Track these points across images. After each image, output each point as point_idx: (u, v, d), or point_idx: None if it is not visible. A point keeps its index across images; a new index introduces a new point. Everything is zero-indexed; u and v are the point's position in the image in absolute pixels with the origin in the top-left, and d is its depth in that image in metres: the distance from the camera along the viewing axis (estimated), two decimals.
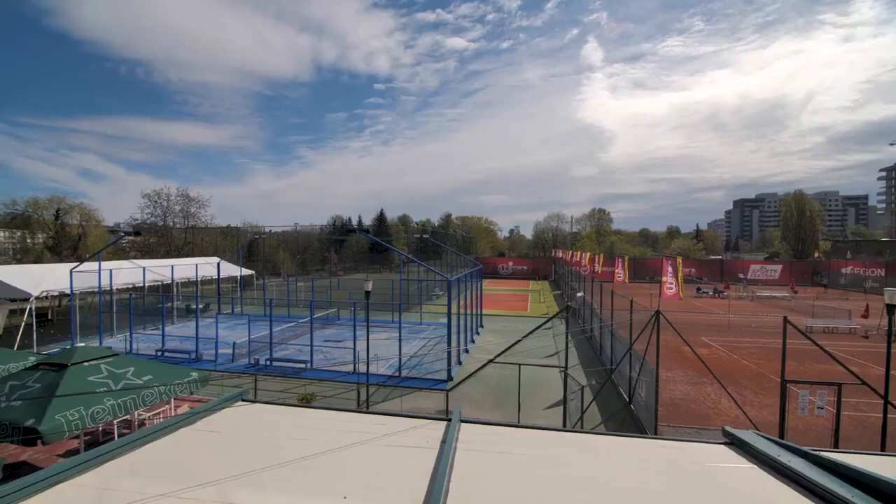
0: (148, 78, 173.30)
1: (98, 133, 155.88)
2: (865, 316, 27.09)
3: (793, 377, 10.25)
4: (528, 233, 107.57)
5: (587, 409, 12.23)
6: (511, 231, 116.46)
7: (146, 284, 27.35)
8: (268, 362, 17.88)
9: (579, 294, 26.26)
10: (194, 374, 9.55)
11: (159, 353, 19.31)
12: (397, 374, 16.66)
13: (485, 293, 31.08)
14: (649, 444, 3.12)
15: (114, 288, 24.14)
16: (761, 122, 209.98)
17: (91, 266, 22.75)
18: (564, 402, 11.93)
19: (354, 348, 17.20)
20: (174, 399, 11.16)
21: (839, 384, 9.62)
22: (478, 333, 24.61)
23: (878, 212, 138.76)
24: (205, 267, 31.76)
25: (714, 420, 12.41)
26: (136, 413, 10.48)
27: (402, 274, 31.00)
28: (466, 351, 20.22)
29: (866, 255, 64.76)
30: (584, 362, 18.93)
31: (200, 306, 27.57)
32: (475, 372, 12.98)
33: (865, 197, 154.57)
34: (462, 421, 2.96)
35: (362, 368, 15.04)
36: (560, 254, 64.77)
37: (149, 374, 8.87)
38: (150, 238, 51.79)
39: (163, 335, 20.59)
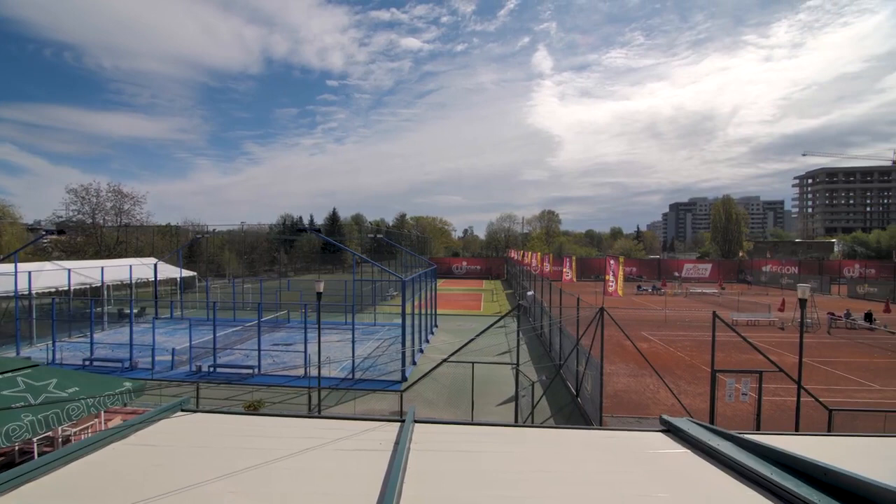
0: (78, 63, 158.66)
1: (17, 121, 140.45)
2: (782, 309, 29.93)
3: (721, 367, 11.14)
4: (481, 233, 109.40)
5: (538, 403, 12.61)
6: (465, 231, 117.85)
7: (72, 288, 25.00)
8: (211, 369, 16.93)
9: (529, 293, 27.02)
10: (128, 384, 8.87)
11: (87, 363, 17.72)
12: (350, 376, 16.36)
13: (439, 293, 31.20)
14: (595, 435, 3.28)
15: (33, 292, 21.87)
16: (693, 132, 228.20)
17: (6, 268, 20.49)
18: (516, 397, 12.24)
19: (305, 351, 16.68)
20: (104, 412, 10.29)
21: (760, 372, 10.58)
22: (432, 333, 24.66)
23: (793, 215, 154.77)
24: (140, 268, 29.54)
25: (653, 409, 13.22)
26: (59, 429, 9.55)
27: (356, 274, 30.44)
28: (421, 351, 20.21)
29: (783, 255, 71.76)
30: (534, 359, 19.51)
31: (135, 311, 25.61)
32: (429, 372, 13.00)
33: (782, 202, 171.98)
34: (416, 421, 2.97)
35: (314, 372, 14.62)
36: (512, 254, 66.32)
37: (74, 385, 8.13)
38: (76, 237, 47.39)
39: (91, 343, 18.92)
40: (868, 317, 26.74)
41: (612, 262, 21.56)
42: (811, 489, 1.89)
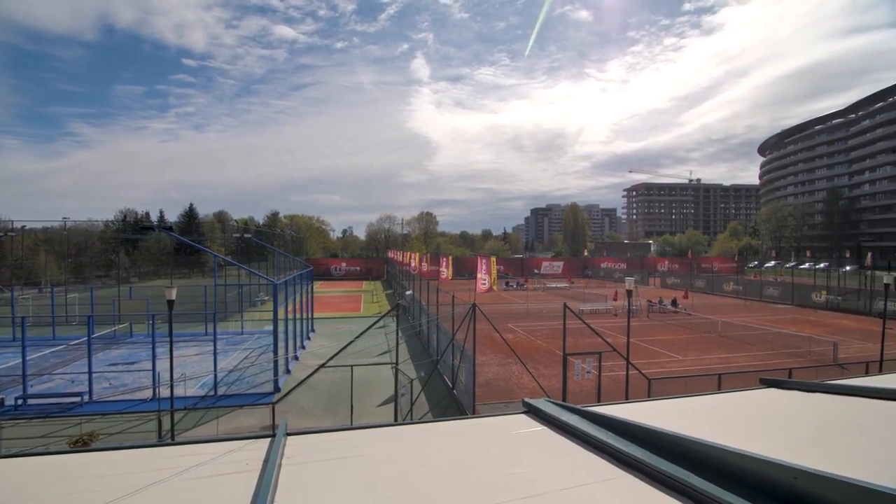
0: None
1: None
2: (615, 299, 35.63)
3: (571, 351, 12.82)
4: (361, 233, 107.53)
5: (416, 400, 12.92)
6: (344, 232, 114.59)
7: None
8: (20, 401, 13.52)
9: (408, 292, 27.49)
10: None
11: None
12: (212, 393, 14.63)
13: (316, 296, 29.76)
14: (466, 424, 3.49)
15: None
16: (548, 147, 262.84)
17: None
18: (396, 396, 12.36)
19: (154, 369, 14.40)
20: None
21: (600, 353, 12.46)
22: (308, 339, 23.44)
23: (623, 221, 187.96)
24: None
25: (518, 393, 14.57)
26: None
27: (219, 278, 27.26)
28: (296, 358, 19.05)
29: (615, 254, 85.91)
30: (413, 356, 19.89)
31: None
32: (305, 379, 12.35)
33: (615, 210, 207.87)
34: (288, 434, 2.79)
35: (166, 392, 12.70)
36: (392, 254, 66.56)
37: None
38: None
39: None
40: (674, 302, 33.45)
41: (484, 261, 23.11)
42: (637, 447, 2.28)
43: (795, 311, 33.59)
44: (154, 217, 76.79)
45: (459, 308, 14.30)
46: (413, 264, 39.62)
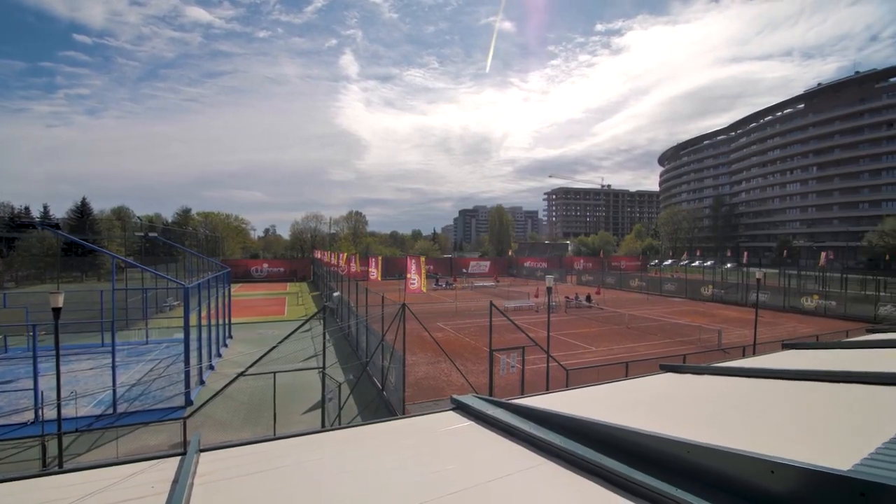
0: None
1: None
2: (537, 296, 37.62)
3: (497, 346, 13.31)
4: (285, 233, 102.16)
5: (345, 404, 12.58)
6: (266, 231, 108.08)
7: None
8: None
9: (336, 294, 26.68)
10: None
11: None
12: (111, 411, 13.03)
13: (235, 299, 27.76)
14: (395, 425, 3.49)
15: None
16: (475, 150, 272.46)
17: None
18: (323, 402, 11.94)
19: (36, 387, 12.46)
20: None
21: (523, 347, 13.08)
22: (225, 345, 21.80)
23: (543, 223, 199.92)
24: None
25: (447, 391, 14.80)
26: None
27: (118, 282, 24.27)
28: (211, 367, 17.62)
29: (537, 253, 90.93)
30: (342, 359, 19.36)
31: None
32: (222, 389, 11.46)
33: (536, 212, 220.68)
34: (202, 450, 2.59)
35: (52, 414, 11.08)
36: (319, 254, 64.07)
37: None
38: None
39: None
40: (588, 298, 36.11)
41: (413, 261, 23.11)
42: (556, 435, 2.45)
43: (688, 304, 37.88)
44: (36, 212, 66.72)
45: (389, 308, 14.17)
46: (341, 265, 38.48)
